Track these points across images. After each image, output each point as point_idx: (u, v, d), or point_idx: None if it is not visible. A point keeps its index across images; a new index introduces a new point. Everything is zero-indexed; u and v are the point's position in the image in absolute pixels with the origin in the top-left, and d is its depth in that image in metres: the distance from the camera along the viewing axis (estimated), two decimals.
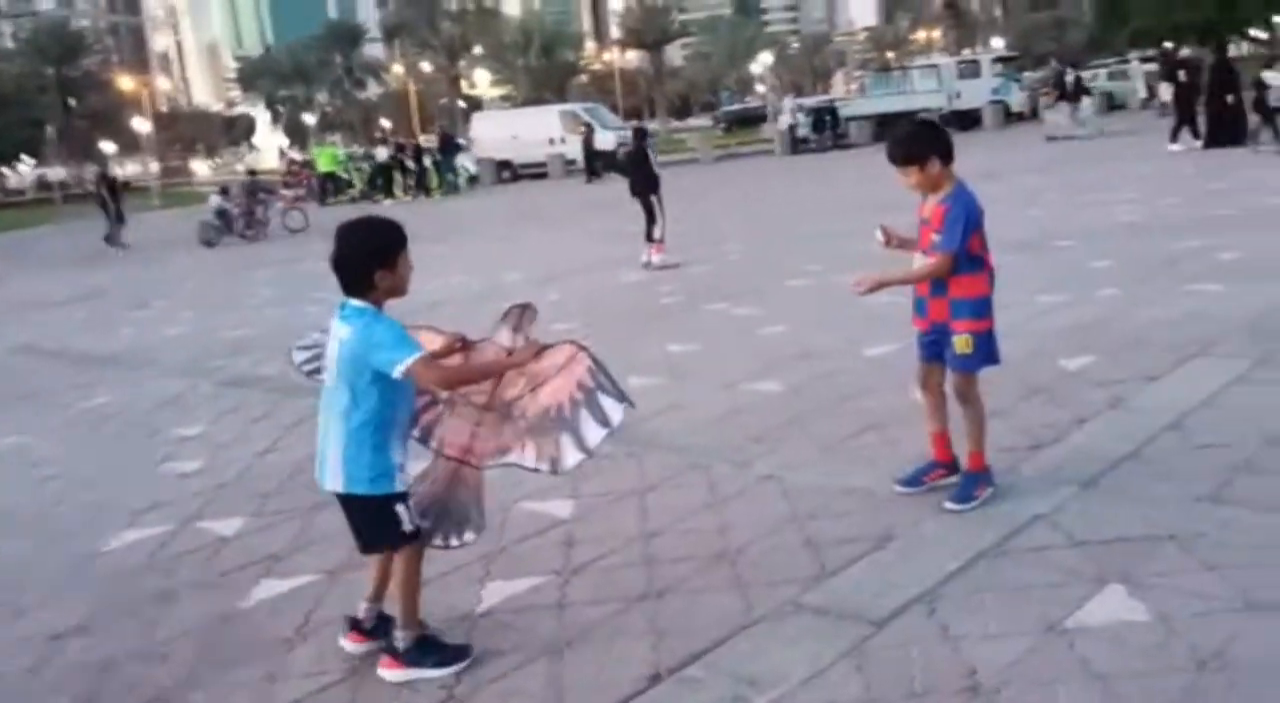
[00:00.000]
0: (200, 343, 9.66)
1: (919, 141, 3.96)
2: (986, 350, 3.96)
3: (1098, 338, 6.20)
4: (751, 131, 49.88)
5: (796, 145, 34.09)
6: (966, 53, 68.45)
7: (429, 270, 13.17)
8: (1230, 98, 17.63)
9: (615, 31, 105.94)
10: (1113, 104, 36.89)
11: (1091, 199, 13.12)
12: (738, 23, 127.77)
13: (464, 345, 3.29)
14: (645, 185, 11.46)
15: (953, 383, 4.04)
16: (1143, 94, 37.08)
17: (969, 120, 35.91)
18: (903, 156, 3.92)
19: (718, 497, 4.38)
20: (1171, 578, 3.19)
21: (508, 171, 35.37)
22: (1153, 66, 35.06)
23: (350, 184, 33.30)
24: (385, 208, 28.45)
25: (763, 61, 79.11)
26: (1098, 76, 41.68)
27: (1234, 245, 8.72)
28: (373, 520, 3.09)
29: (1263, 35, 66.50)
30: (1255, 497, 3.72)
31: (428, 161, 31.76)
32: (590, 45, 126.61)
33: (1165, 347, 5.81)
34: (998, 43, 79.08)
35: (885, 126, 36.42)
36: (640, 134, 12.86)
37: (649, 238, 11.49)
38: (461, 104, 73.47)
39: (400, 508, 3.06)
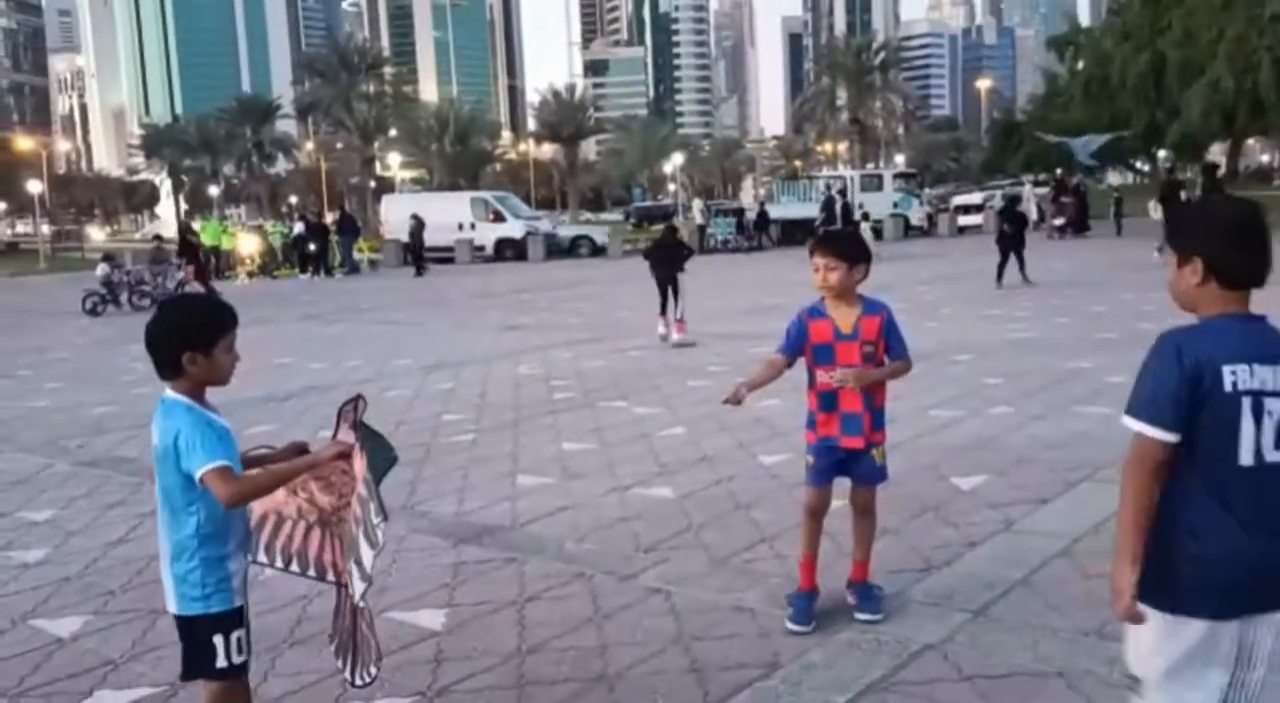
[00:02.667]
0: (63, 418, 9.08)
1: (864, 245, 3.95)
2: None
3: (990, 456, 6.21)
4: None
5: (705, 244, 34.63)
6: (870, 166, 71.36)
7: (320, 351, 12.87)
8: None
9: (532, 123, 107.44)
10: None
11: (986, 314, 13.46)
12: (652, 123, 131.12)
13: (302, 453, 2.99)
14: (674, 266, 12.57)
15: (864, 498, 3.99)
16: (1034, 216, 38.65)
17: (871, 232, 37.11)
18: (855, 254, 3.84)
19: (601, 611, 4.15)
20: None
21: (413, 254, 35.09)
22: (1044, 190, 36.79)
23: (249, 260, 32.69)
24: (278, 284, 27.86)
25: (675, 161, 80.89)
26: (993, 197, 43.64)
27: (1120, 368, 8.95)
28: (190, 647, 2.76)
29: (1145, 167, 70.83)
30: None
31: (332, 240, 31.40)
32: (506, 135, 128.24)
33: (1055, 468, 5.84)
34: (900, 159, 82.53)
35: (789, 232, 37.46)
36: (672, 229, 14.50)
37: (663, 312, 12.34)
38: (372, 184, 73.16)
39: (219, 640, 2.71)
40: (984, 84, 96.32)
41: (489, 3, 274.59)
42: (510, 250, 34.91)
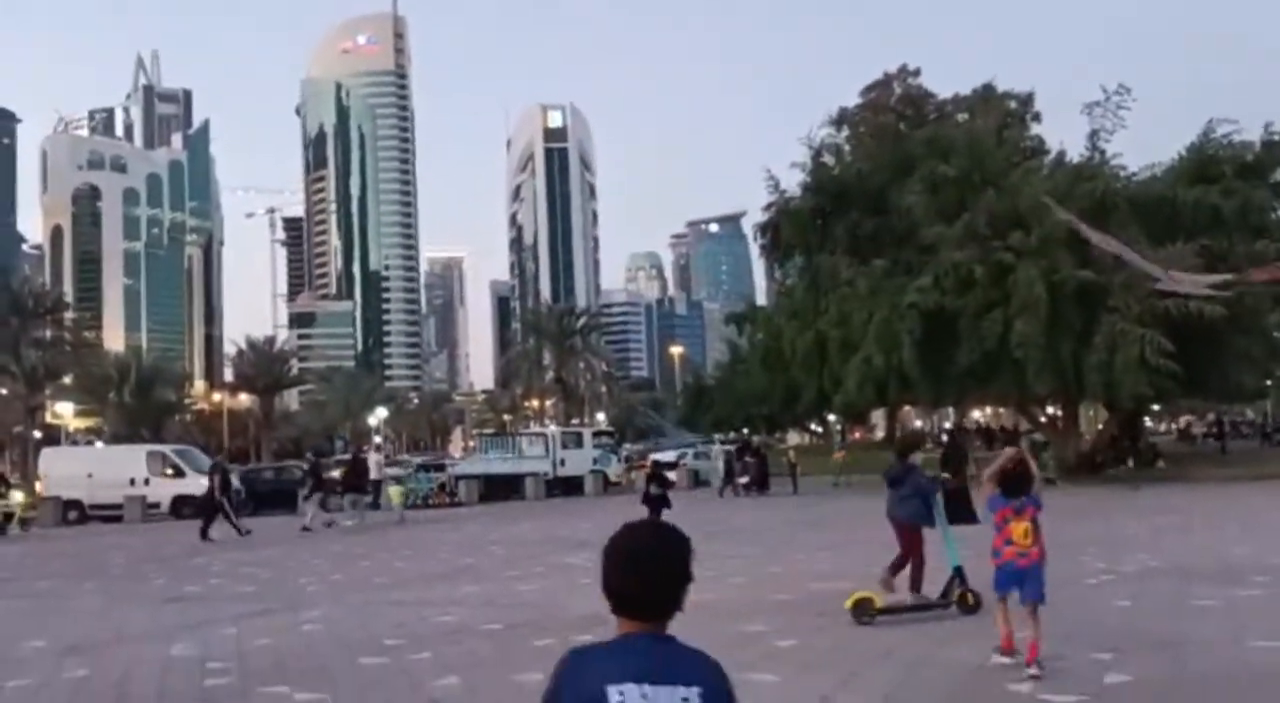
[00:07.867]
0: None
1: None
2: None
3: None
4: None
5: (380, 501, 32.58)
6: (575, 422, 73.63)
7: None
8: (962, 473, 20.24)
9: (230, 374, 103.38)
10: (697, 481, 40.22)
11: None
12: (357, 375, 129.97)
13: None
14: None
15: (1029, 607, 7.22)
16: (722, 474, 40.22)
17: (573, 487, 37.70)
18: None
19: None
20: None
21: (75, 512, 31.83)
22: (731, 448, 39.04)
23: None
24: None
25: (379, 414, 79.81)
26: (686, 455, 45.87)
27: (793, 632, 9.22)
28: None
29: (819, 429, 77.69)
30: None
31: None
32: (201, 384, 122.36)
33: None
34: (601, 416, 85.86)
35: (492, 486, 37.30)
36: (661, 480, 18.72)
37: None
38: (37, 434, 66.71)
39: None
40: (676, 350, 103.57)
41: (188, 253, 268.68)
42: (189, 508, 32.42)
